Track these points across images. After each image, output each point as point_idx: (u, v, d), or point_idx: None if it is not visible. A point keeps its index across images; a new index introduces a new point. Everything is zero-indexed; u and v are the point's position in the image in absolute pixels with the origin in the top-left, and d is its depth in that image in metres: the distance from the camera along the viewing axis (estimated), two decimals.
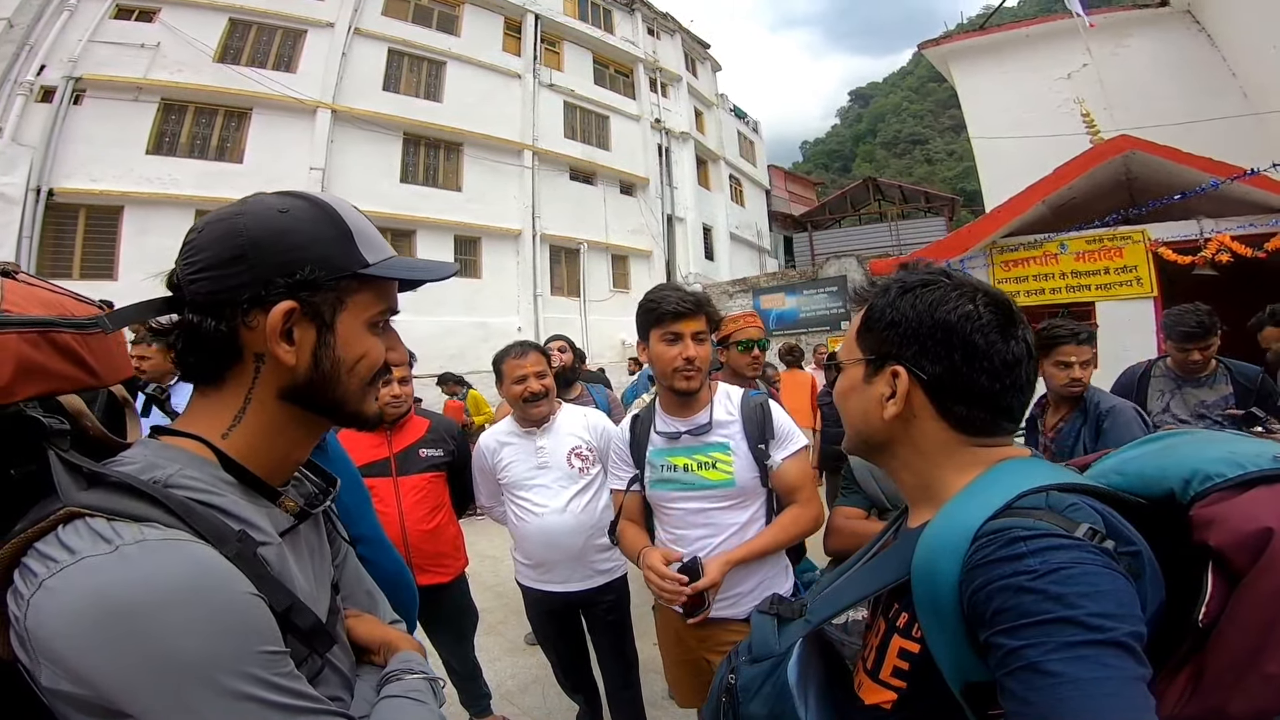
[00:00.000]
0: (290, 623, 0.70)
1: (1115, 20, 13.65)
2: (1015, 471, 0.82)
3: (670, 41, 22.90)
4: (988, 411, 0.86)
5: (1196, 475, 0.78)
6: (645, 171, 20.17)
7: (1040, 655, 0.64)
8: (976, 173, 16.36)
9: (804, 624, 1.00)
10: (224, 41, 13.55)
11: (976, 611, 0.71)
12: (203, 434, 0.76)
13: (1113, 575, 0.68)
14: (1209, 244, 8.27)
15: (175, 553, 0.61)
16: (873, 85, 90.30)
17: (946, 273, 0.91)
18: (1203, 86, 12.45)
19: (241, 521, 0.71)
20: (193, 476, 0.70)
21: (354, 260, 0.79)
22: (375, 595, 1.07)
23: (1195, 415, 2.99)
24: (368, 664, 0.92)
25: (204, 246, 0.74)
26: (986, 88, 15.13)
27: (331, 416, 0.84)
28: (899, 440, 0.92)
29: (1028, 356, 0.86)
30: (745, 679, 1.06)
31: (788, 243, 27.59)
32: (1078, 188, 9.18)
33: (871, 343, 0.94)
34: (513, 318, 15.76)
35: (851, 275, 15.13)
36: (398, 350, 0.89)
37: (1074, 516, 0.73)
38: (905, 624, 0.86)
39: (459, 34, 17.20)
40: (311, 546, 0.88)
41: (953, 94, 18.35)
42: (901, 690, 0.86)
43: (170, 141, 12.64)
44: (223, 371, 0.77)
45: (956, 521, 0.77)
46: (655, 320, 1.96)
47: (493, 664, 3.83)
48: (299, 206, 0.78)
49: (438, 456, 2.85)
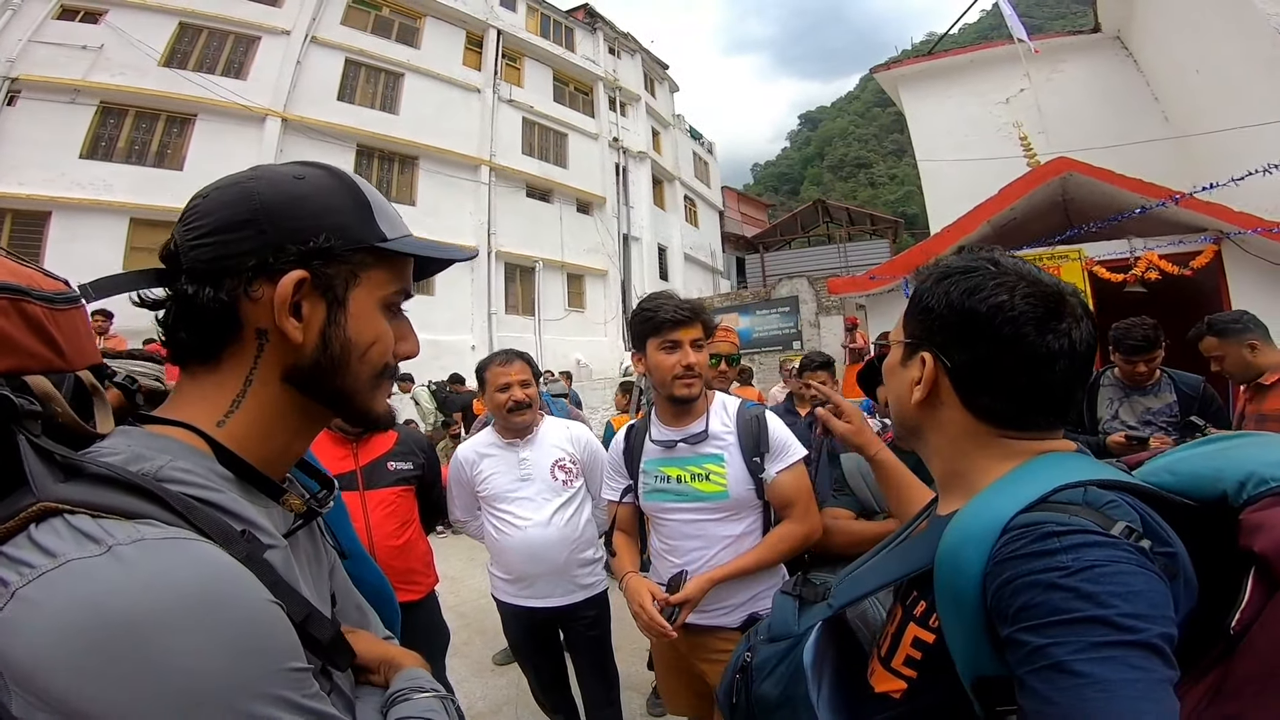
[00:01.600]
0: (308, 635, 0.61)
1: (1052, 46, 14.30)
2: (1054, 465, 0.80)
3: (630, 61, 23.16)
4: (1015, 405, 0.84)
5: (1252, 478, 0.75)
6: (602, 190, 20.23)
7: (1067, 654, 0.62)
8: (916, 196, 16.91)
9: (825, 608, 1.00)
10: (171, 45, 13.17)
11: (1000, 605, 0.69)
12: (194, 422, 0.67)
13: (1147, 575, 0.66)
14: (1139, 262, 8.70)
15: (182, 553, 0.51)
16: (821, 109, 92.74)
17: (995, 259, 0.87)
18: (1128, 110, 13.17)
19: (243, 521, 0.62)
20: (186, 469, 0.61)
21: (372, 232, 0.73)
22: (365, 610, 1.00)
23: (1142, 422, 3.15)
24: (366, 684, 0.83)
25: (209, 211, 0.68)
26: (932, 111, 15.64)
27: (337, 408, 0.76)
28: (928, 426, 0.92)
29: (1069, 353, 0.80)
30: (761, 658, 1.06)
31: (739, 264, 27.97)
32: (1019, 209, 9.60)
33: (910, 326, 0.93)
34: (466, 335, 15.54)
35: (803, 295, 15.46)
36: (409, 341, 0.80)
37: (1112, 514, 0.71)
38: (922, 613, 0.84)
39: (419, 46, 17.06)
40: (309, 554, 0.80)
41: (895, 119, 18.99)
42: (912, 680, 0.85)
43: (107, 146, 12.18)
44: (219, 349, 0.69)
45: (987, 512, 0.75)
46: (653, 329, 1.96)
47: (461, 685, 3.73)
48: (316, 174, 0.73)
49: (407, 470, 2.74)
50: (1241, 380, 3.01)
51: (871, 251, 22.77)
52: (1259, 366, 2.89)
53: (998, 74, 14.68)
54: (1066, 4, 62.76)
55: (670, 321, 1.94)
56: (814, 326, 15.03)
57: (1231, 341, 2.94)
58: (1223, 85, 10.33)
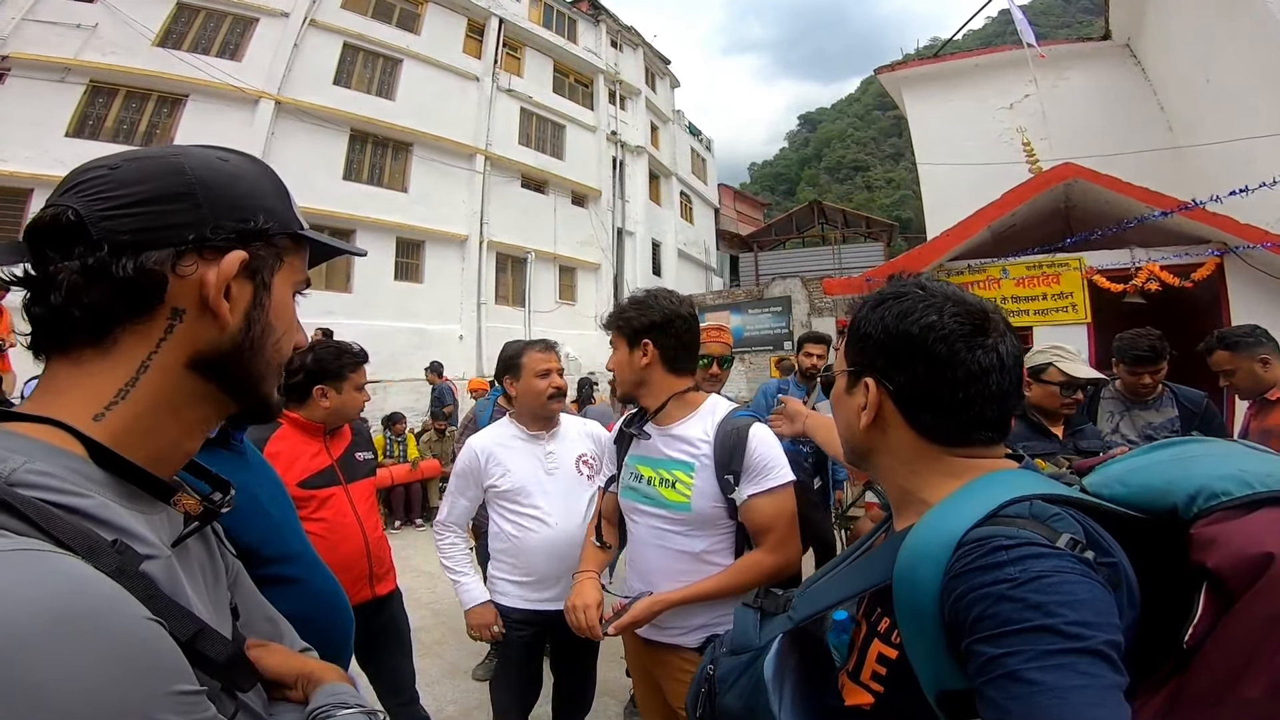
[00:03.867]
0: (199, 654, 0.55)
1: (1059, 53, 14.31)
2: (1001, 481, 0.82)
3: (632, 55, 22.99)
4: (956, 421, 0.87)
5: (1202, 492, 0.77)
6: (598, 183, 20.12)
7: (1019, 663, 0.64)
8: (911, 201, 16.98)
9: (786, 620, 1.02)
10: (167, 25, 12.94)
11: (958, 619, 0.71)
12: (65, 416, 0.59)
13: (1091, 584, 0.68)
14: (1139, 273, 8.65)
15: (36, 567, 0.44)
16: (821, 110, 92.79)
17: (921, 284, 0.92)
18: (1133, 119, 13.17)
19: (115, 530, 0.54)
20: (44, 472, 0.53)
21: (294, 219, 0.73)
22: (277, 621, 0.92)
23: (1143, 436, 3.05)
24: (282, 700, 0.77)
25: (132, 181, 0.63)
26: (934, 115, 15.67)
27: (240, 395, 0.71)
28: (878, 449, 0.95)
29: (999, 367, 0.85)
30: (723, 670, 1.09)
31: (733, 262, 27.95)
32: (1020, 214, 9.56)
33: (851, 355, 0.97)
34: (454, 325, 15.42)
35: (795, 296, 15.41)
36: (300, 332, 0.79)
37: (1057, 526, 0.73)
38: (885, 629, 0.86)
39: (419, 32, 16.84)
40: (203, 565, 0.73)
41: (894, 123, 19.07)
42: (879, 694, 0.86)
43: (94, 125, 11.99)
44: (114, 327, 0.61)
45: (939, 529, 0.77)
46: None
47: (430, 687, 3.60)
48: (237, 159, 0.71)
49: (371, 459, 2.73)
50: (1249, 395, 2.94)
51: (865, 254, 22.91)
52: (1269, 382, 2.82)
53: (1002, 79, 14.71)
54: (1072, 13, 63.10)
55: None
56: (806, 327, 14.95)
57: (1243, 355, 2.86)
58: (1231, 95, 10.28)
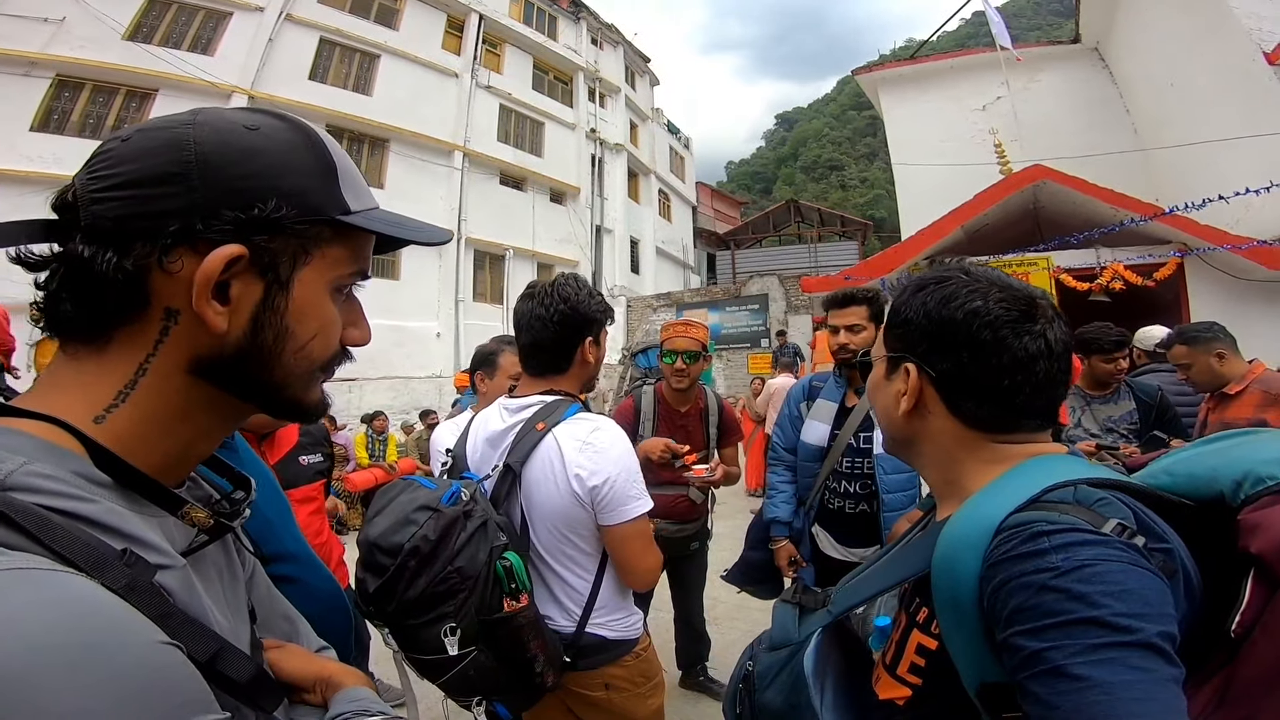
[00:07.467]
0: (219, 675, 0.51)
1: (1030, 55, 14.62)
2: (1044, 467, 0.79)
3: (612, 52, 23.00)
4: (1000, 408, 0.84)
5: (1249, 477, 0.75)
6: (577, 180, 20.09)
7: (1065, 658, 0.61)
8: (885, 200, 17.16)
9: (825, 614, 1.00)
10: (138, 19, 12.76)
11: (995, 609, 0.68)
12: (65, 415, 0.53)
13: (1141, 573, 0.65)
14: (1104, 272, 8.91)
15: (35, 589, 0.39)
16: (798, 110, 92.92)
17: (965, 269, 0.89)
18: (1100, 122, 13.52)
19: (124, 538, 0.49)
20: (44, 474, 0.47)
21: (333, 202, 0.61)
22: (294, 620, 0.88)
23: (1104, 430, 3.19)
24: (301, 704, 0.73)
25: (128, 158, 0.54)
26: (909, 115, 15.91)
27: (261, 402, 0.63)
28: (919, 436, 0.92)
29: (1046, 353, 0.82)
30: (763, 666, 1.06)
31: (710, 260, 28.06)
32: (992, 215, 9.79)
33: (890, 340, 0.95)
34: (431, 323, 15.33)
35: (773, 294, 15.53)
36: (361, 327, 0.69)
37: (1103, 511, 0.70)
38: (925, 619, 0.84)
39: (398, 28, 16.73)
40: (220, 568, 0.67)
41: (870, 123, 19.25)
42: (917, 687, 0.84)
43: (59, 119, 11.81)
44: (110, 327, 0.55)
45: (979, 515, 0.75)
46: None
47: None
48: (273, 125, 0.60)
49: (319, 462, 2.59)
50: (1206, 388, 3.05)
51: (840, 252, 23.16)
52: (1224, 376, 2.93)
53: (975, 81, 14.96)
54: (1044, 15, 64.00)
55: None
56: (783, 325, 15.09)
57: (1200, 350, 2.97)
58: (1195, 99, 10.57)
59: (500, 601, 1.39)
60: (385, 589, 1.36)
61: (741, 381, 14.25)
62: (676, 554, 2.90)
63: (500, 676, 1.43)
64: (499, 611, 1.39)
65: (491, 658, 1.41)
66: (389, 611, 1.38)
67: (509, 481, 1.57)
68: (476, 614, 1.37)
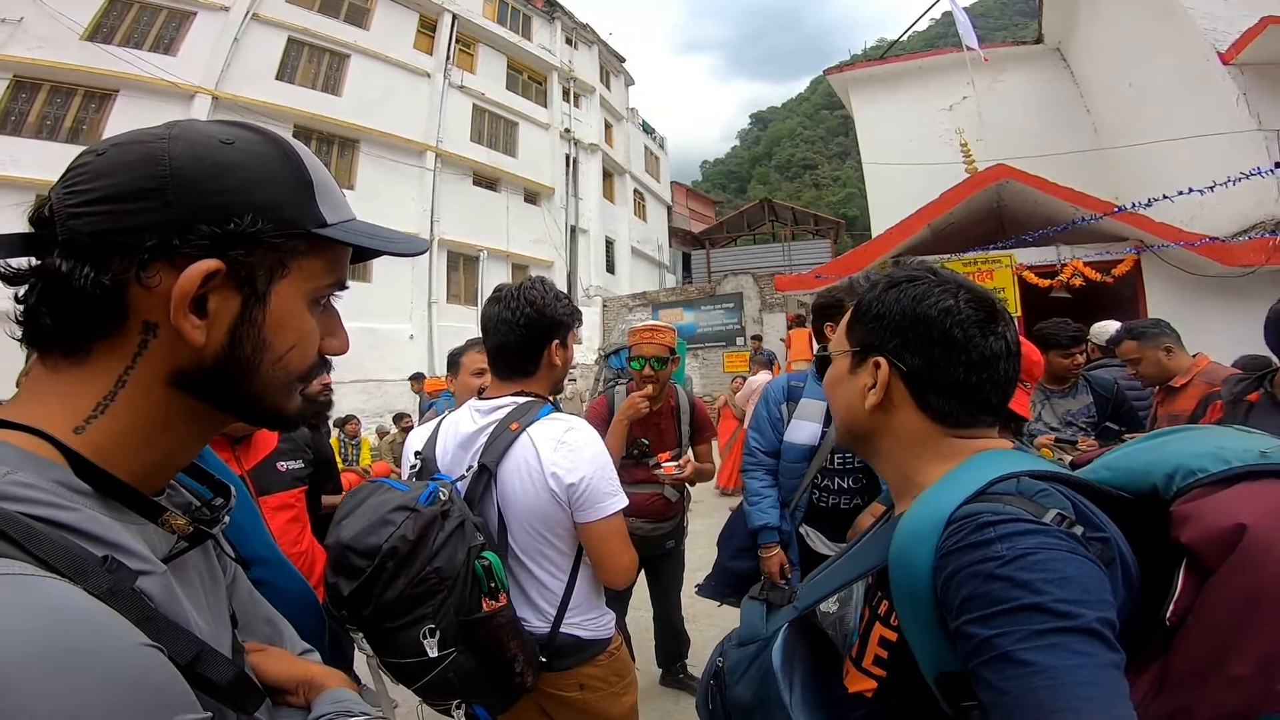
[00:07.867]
0: (200, 677, 0.52)
1: (996, 55, 14.88)
2: (992, 460, 0.82)
3: (587, 52, 23.01)
4: (965, 404, 0.88)
5: (1180, 470, 0.79)
6: (551, 181, 20.06)
7: (1011, 644, 0.64)
8: (857, 199, 17.34)
9: (791, 610, 1.02)
10: (98, 19, 12.53)
11: (948, 599, 0.71)
12: (45, 426, 0.54)
13: (1080, 561, 0.67)
14: (1065, 268, 9.16)
15: (20, 593, 0.40)
16: (772, 109, 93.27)
17: (933, 269, 0.93)
18: (1062, 121, 13.85)
19: (105, 544, 0.50)
20: (25, 483, 0.48)
21: (309, 216, 0.62)
22: (277, 623, 0.89)
23: (1064, 423, 3.30)
24: (284, 706, 0.74)
25: (104, 172, 0.55)
26: (879, 115, 16.10)
27: (240, 412, 0.64)
28: (880, 431, 0.94)
29: (1006, 353, 0.87)
30: (732, 662, 1.07)
31: (686, 259, 28.14)
32: (957, 213, 9.99)
33: (858, 335, 0.96)
34: (404, 325, 15.23)
35: (747, 292, 15.64)
36: (339, 337, 0.70)
37: (1044, 502, 0.73)
38: (885, 611, 0.86)
39: (368, 27, 16.60)
40: (201, 573, 0.67)
41: (842, 122, 19.42)
42: (881, 679, 0.86)
43: (16, 121, 11.59)
44: (90, 340, 0.56)
45: (931, 508, 0.78)
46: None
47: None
48: (248, 139, 0.61)
49: (299, 469, 2.48)
50: (1154, 382, 3.17)
51: (813, 251, 23.39)
52: (1172, 370, 3.06)
53: (943, 81, 15.17)
54: (1009, 15, 65.01)
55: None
56: (757, 323, 15.21)
57: (1148, 345, 3.09)
58: (1152, 99, 10.87)
59: (479, 601, 1.39)
60: (361, 592, 1.34)
61: (717, 380, 14.36)
62: (652, 552, 2.94)
63: (480, 678, 1.43)
64: (478, 612, 1.38)
65: (472, 659, 1.40)
66: (365, 615, 1.36)
67: (484, 481, 1.58)
68: (455, 615, 1.36)
